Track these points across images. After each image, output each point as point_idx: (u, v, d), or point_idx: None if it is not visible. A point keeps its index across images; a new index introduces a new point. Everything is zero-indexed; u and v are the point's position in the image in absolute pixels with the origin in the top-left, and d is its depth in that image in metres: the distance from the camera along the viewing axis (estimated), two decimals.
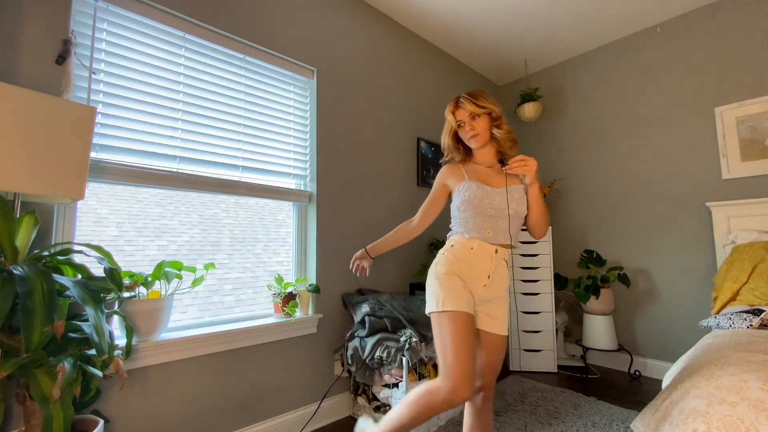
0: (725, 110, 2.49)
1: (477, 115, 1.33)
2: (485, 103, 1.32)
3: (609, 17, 2.77)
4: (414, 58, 2.90)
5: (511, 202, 1.27)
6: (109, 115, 1.54)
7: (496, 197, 1.28)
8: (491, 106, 1.33)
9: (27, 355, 0.95)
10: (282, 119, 2.12)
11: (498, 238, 1.28)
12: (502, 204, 1.27)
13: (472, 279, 1.24)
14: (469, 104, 1.32)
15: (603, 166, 3.09)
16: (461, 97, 1.36)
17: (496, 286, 1.26)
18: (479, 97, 1.34)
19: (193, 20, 1.76)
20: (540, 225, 1.33)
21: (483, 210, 1.28)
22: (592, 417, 2.05)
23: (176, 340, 1.55)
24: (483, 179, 1.34)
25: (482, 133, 1.33)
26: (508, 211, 1.27)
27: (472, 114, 1.33)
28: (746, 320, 1.69)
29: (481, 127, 1.33)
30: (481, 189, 1.29)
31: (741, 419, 0.85)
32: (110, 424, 1.40)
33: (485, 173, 1.37)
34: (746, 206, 2.34)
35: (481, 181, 1.33)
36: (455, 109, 1.37)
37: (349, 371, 2.12)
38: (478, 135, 1.33)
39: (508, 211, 1.27)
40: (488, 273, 1.25)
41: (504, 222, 1.28)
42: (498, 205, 1.27)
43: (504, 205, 1.27)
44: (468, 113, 1.33)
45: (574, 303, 3.13)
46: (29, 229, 1.13)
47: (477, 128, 1.32)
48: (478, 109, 1.31)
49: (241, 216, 1.98)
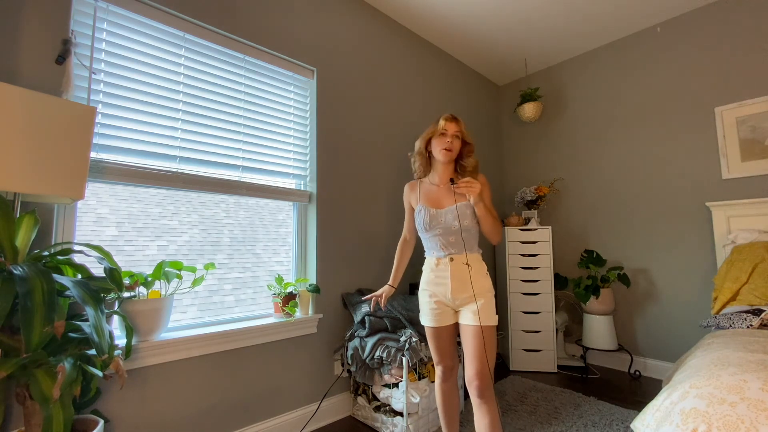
0: (725, 110, 2.49)
1: (458, 137, 1.55)
2: (467, 133, 1.59)
3: (609, 17, 2.77)
4: (414, 58, 2.90)
5: (463, 219, 1.48)
6: (109, 115, 1.54)
7: (441, 217, 1.50)
8: (469, 138, 1.59)
9: (27, 355, 0.95)
10: (282, 119, 2.12)
11: (450, 249, 1.50)
12: (449, 222, 1.49)
13: (442, 291, 1.50)
14: (461, 125, 1.56)
15: (603, 166, 3.09)
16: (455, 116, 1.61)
17: (463, 288, 1.47)
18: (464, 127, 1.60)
19: (193, 20, 1.76)
20: (491, 235, 1.50)
21: (433, 230, 1.51)
22: (592, 417, 2.05)
23: (176, 340, 1.55)
24: (432, 201, 1.57)
25: (454, 151, 1.55)
26: (460, 226, 1.48)
27: (457, 132, 1.54)
28: (746, 320, 1.69)
29: (456, 147, 1.55)
30: (428, 213, 1.53)
31: (741, 419, 0.85)
32: (110, 424, 1.40)
33: (435, 194, 1.58)
34: (746, 206, 2.34)
35: (430, 203, 1.56)
36: (449, 120, 1.57)
37: (349, 371, 2.12)
38: (451, 151, 1.54)
39: (460, 226, 1.48)
40: (449, 281, 1.48)
41: (453, 237, 1.49)
42: (444, 224, 1.49)
43: (450, 223, 1.49)
44: (456, 129, 1.54)
45: (574, 303, 3.13)
46: (29, 229, 1.13)
47: (454, 146, 1.54)
48: (465, 134, 1.58)
49: (241, 216, 1.97)
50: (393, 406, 1.86)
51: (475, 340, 1.41)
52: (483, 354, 1.39)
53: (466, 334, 1.45)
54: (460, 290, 1.47)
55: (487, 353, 1.40)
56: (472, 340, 1.42)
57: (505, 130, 3.83)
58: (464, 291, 1.47)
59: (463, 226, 1.48)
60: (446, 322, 1.51)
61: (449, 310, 1.51)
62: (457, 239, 1.49)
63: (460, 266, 1.48)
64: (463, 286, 1.47)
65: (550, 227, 2.98)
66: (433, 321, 1.51)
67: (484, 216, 1.46)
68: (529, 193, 3.16)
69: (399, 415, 1.84)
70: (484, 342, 1.40)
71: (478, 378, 1.38)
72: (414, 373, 1.86)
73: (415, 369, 1.87)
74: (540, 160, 3.50)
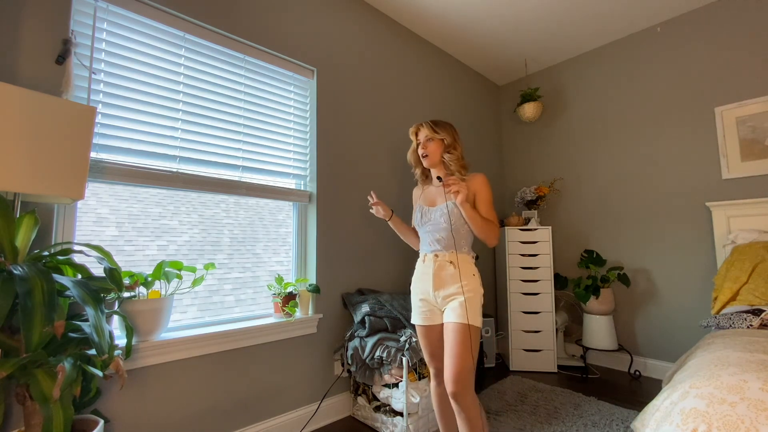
0: (725, 110, 2.49)
1: (430, 139, 1.59)
2: (440, 131, 1.58)
3: (609, 17, 2.77)
4: (414, 58, 2.89)
5: (452, 218, 1.49)
6: (109, 115, 1.53)
7: (431, 214, 1.55)
8: (444, 134, 1.57)
9: (27, 355, 0.95)
10: (282, 119, 2.12)
11: (436, 246, 1.52)
12: (436, 219, 1.52)
13: (424, 287, 1.52)
14: (427, 129, 1.60)
15: (603, 166, 3.09)
16: (423, 123, 1.63)
17: (443, 285, 1.47)
18: (438, 125, 1.60)
19: (193, 20, 1.76)
20: (484, 238, 1.49)
21: (424, 227, 1.57)
22: (592, 417, 2.05)
23: (176, 340, 1.55)
24: (428, 200, 1.62)
25: (431, 155, 1.58)
26: (450, 225, 1.49)
27: (428, 137, 1.59)
28: (746, 320, 1.69)
29: (432, 150, 1.58)
30: (421, 210, 1.60)
31: (741, 419, 0.85)
32: (110, 424, 1.40)
33: (433, 194, 1.63)
34: (746, 206, 2.34)
35: (427, 202, 1.62)
36: (414, 132, 1.66)
37: (349, 371, 2.12)
38: (428, 156, 1.59)
39: (450, 225, 1.49)
40: (431, 277, 1.49)
41: (440, 234, 1.51)
42: (433, 221, 1.53)
43: (437, 220, 1.52)
44: (425, 136, 1.60)
45: (574, 303, 3.13)
46: (29, 229, 1.13)
47: (428, 150, 1.59)
48: (433, 134, 1.58)
49: (241, 216, 1.97)
50: (393, 406, 1.87)
51: (452, 337, 1.38)
52: (460, 354, 1.34)
53: (445, 332, 1.42)
54: (440, 287, 1.47)
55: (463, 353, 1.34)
56: (449, 336, 1.39)
57: (505, 130, 3.83)
58: (445, 288, 1.46)
59: (452, 225, 1.49)
60: (434, 321, 1.51)
61: (436, 309, 1.51)
62: (444, 237, 1.51)
63: (444, 264, 1.48)
64: (443, 283, 1.47)
65: (550, 227, 2.98)
66: (421, 319, 1.53)
67: (472, 218, 1.45)
68: (529, 193, 3.16)
69: (399, 415, 1.84)
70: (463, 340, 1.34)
71: (452, 381, 1.34)
72: (414, 373, 1.86)
73: (415, 369, 1.87)
74: (540, 160, 3.50)
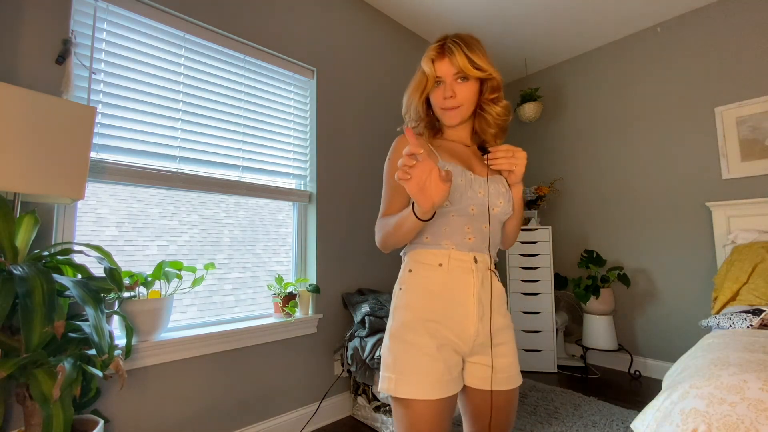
0: (725, 110, 2.49)
1: (465, 78, 0.88)
2: (483, 62, 0.86)
3: (609, 17, 2.77)
4: (414, 57, 2.89)
5: (498, 198, 0.89)
6: (109, 115, 1.53)
7: (481, 189, 0.88)
8: (490, 68, 0.88)
9: (27, 355, 0.94)
10: (282, 119, 2.12)
11: (480, 247, 0.90)
12: (495, 201, 0.90)
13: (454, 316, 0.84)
14: (461, 57, 0.85)
15: (603, 166, 3.09)
16: (450, 41, 0.87)
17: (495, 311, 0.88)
18: (475, 49, 0.87)
19: (193, 20, 1.76)
20: (514, 235, 1.01)
21: (464, 206, 0.86)
22: (592, 417, 2.05)
23: (176, 340, 1.55)
24: (464, 161, 0.93)
25: (466, 105, 0.90)
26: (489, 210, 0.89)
27: (459, 73, 0.87)
28: (746, 320, 1.69)
29: (466, 96, 0.89)
30: (463, 176, 0.87)
31: (741, 419, 0.85)
32: (110, 424, 1.40)
33: (464, 154, 0.95)
34: (746, 206, 2.34)
35: (462, 163, 0.92)
36: (438, 58, 0.89)
37: (349, 371, 2.12)
38: (460, 107, 0.89)
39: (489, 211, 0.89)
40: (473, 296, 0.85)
41: (486, 225, 0.90)
42: (483, 200, 0.88)
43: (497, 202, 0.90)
44: (455, 70, 0.87)
45: (574, 303, 3.13)
46: (29, 229, 1.13)
47: (460, 97, 0.88)
48: (472, 69, 0.86)
49: (241, 216, 1.97)
50: None
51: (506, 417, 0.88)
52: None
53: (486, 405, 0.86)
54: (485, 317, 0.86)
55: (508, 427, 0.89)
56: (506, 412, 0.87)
57: None
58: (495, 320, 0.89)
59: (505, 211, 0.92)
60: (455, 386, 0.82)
61: (460, 362, 0.86)
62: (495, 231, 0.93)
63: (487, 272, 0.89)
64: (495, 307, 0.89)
65: (550, 227, 2.98)
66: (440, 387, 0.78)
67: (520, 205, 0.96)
68: (529, 193, 3.16)
69: None
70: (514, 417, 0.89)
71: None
72: None
73: None
74: (540, 160, 3.50)
